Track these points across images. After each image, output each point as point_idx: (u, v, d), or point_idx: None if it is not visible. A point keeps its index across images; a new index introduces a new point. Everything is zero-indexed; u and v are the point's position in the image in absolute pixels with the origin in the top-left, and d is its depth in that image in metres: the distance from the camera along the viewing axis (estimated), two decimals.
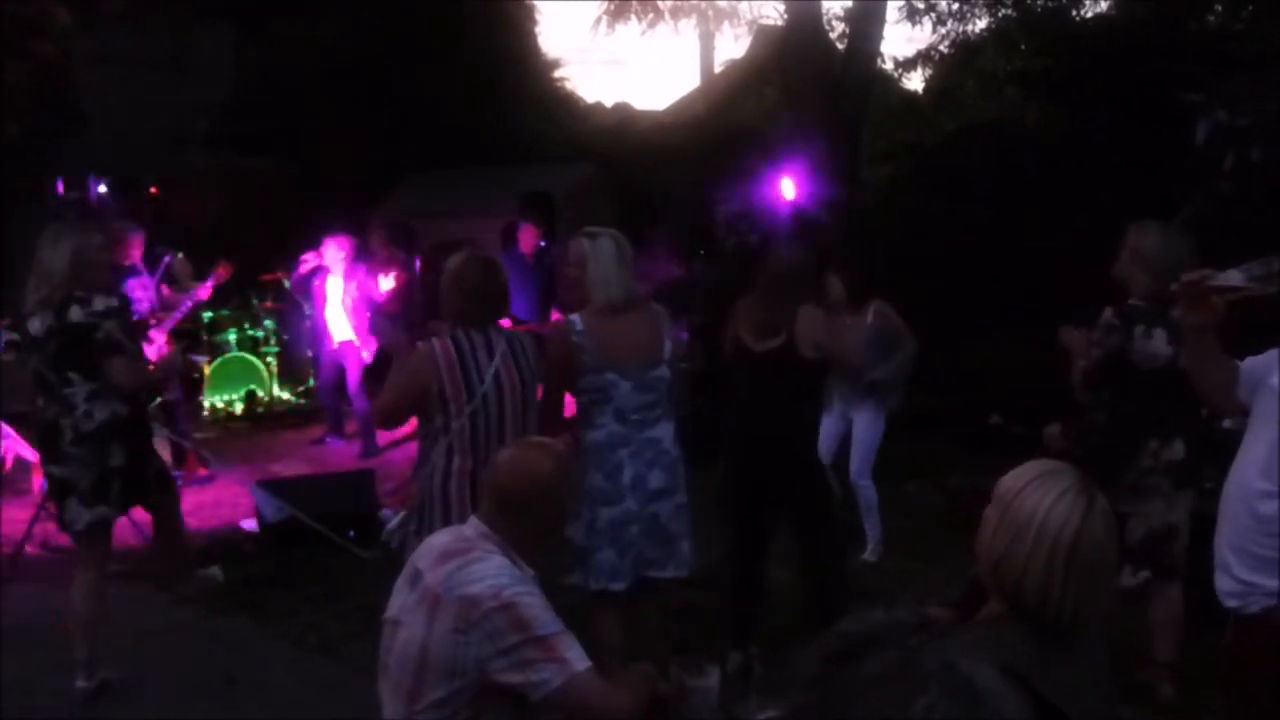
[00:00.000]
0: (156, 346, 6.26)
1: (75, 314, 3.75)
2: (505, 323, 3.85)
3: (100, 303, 3.80)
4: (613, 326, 3.43)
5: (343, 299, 7.67)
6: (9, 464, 6.18)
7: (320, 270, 7.75)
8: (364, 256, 8.02)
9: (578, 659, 2.20)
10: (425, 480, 3.30)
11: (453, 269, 3.39)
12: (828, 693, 0.95)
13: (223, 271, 6.90)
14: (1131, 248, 3.66)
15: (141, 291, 6.41)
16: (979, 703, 0.93)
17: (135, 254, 6.59)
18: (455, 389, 3.24)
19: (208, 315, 8.69)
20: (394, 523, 3.37)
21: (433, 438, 3.32)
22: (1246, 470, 2.54)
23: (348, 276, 7.60)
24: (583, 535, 3.41)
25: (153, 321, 6.40)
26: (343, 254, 7.63)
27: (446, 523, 3.15)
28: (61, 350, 3.79)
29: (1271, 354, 2.56)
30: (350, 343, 7.63)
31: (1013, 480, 1.69)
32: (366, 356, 7.59)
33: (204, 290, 6.84)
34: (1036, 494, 1.65)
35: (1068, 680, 1.59)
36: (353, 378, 7.59)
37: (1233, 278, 2.37)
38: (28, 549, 5.34)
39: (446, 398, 3.24)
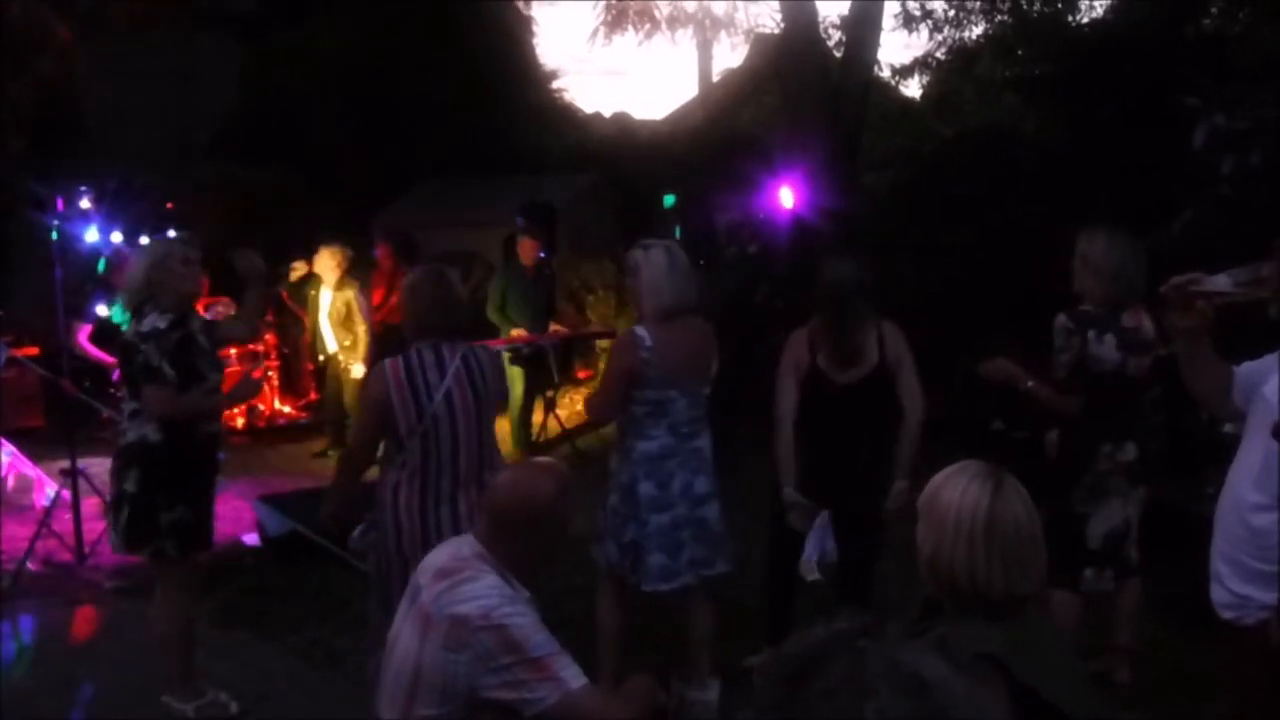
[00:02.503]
0: None
1: (129, 330, 3.72)
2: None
3: (150, 322, 3.65)
4: (672, 341, 3.53)
5: (333, 309, 7.66)
6: (11, 481, 6.18)
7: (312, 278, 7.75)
8: (362, 268, 8.02)
9: (573, 677, 2.18)
10: (382, 496, 3.34)
11: (406, 285, 3.44)
12: (783, 717, 0.95)
13: (222, 310, 6.88)
14: (1081, 255, 3.68)
15: None
16: (928, 695, 0.94)
17: None
18: (405, 408, 3.24)
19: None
20: (358, 532, 3.43)
21: (388, 456, 3.36)
22: (1240, 481, 2.52)
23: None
24: (637, 535, 3.55)
25: None
26: (335, 263, 7.57)
27: (399, 538, 3.25)
28: (119, 365, 3.86)
29: (1268, 360, 2.53)
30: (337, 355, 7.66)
31: (929, 486, 1.84)
32: (358, 372, 7.55)
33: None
34: (947, 488, 1.80)
35: (1039, 664, 1.68)
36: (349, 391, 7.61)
37: (1220, 283, 2.38)
38: (29, 565, 5.34)
39: (396, 417, 3.25)
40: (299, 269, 7.89)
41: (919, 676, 0.93)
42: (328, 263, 7.56)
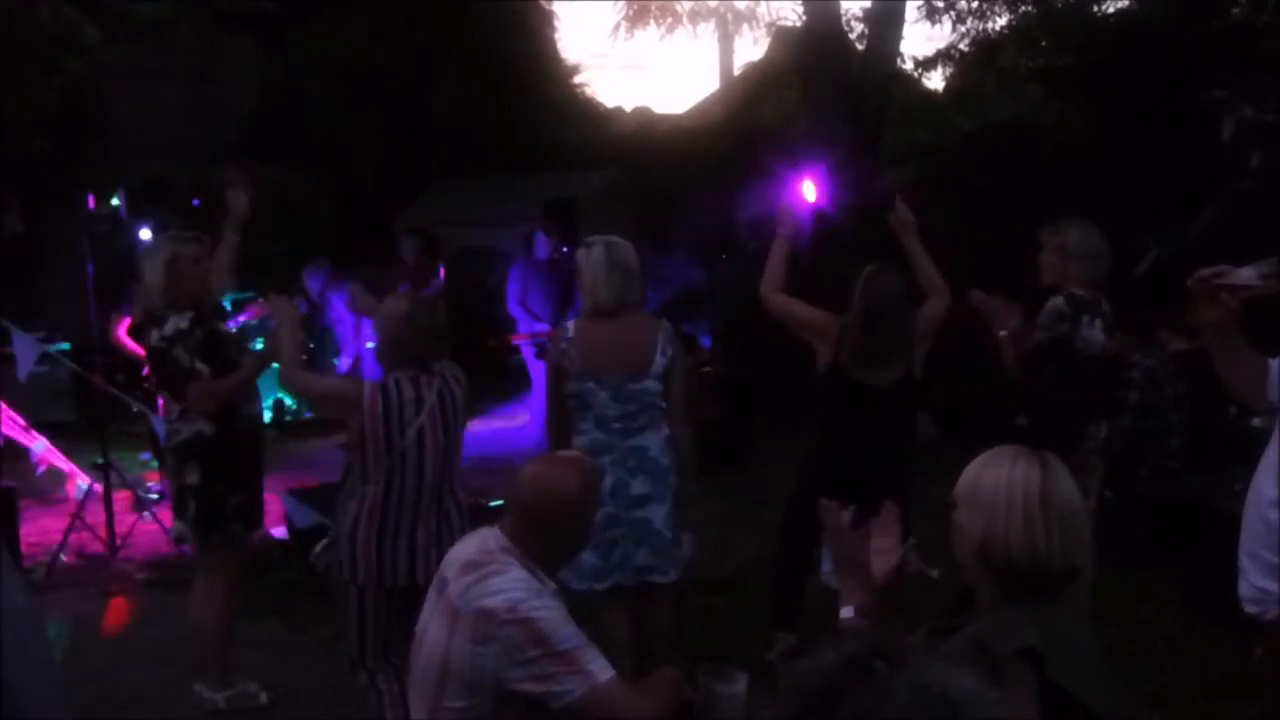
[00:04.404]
0: None
1: (154, 338, 3.78)
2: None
3: (172, 325, 3.73)
4: (599, 335, 3.49)
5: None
6: (43, 474, 6.27)
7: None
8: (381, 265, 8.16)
9: (600, 670, 2.21)
10: (340, 525, 3.33)
11: (395, 312, 3.37)
12: None
13: (256, 310, 7.01)
14: (1057, 248, 3.80)
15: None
16: (959, 713, 0.93)
17: None
18: (375, 441, 3.24)
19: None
20: (320, 547, 3.50)
21: (353, 477, 3.35)
22: (1261, 476, 2.53)
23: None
24: None
25: None
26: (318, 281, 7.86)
27: (354, 570, 3.28)
28: (151, 372, 4.03)
29: None
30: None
31: (966, 474, 1.78)
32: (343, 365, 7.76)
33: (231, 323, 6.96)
34: (991, 471, 1.74)
35: (1072, 660, 1.64)
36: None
37: (1245, 275, 2.37)
38: (63, 557, 5.43)
39: (366, 446, 3.25)
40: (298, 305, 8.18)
41: (948, 697, 0.91)
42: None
